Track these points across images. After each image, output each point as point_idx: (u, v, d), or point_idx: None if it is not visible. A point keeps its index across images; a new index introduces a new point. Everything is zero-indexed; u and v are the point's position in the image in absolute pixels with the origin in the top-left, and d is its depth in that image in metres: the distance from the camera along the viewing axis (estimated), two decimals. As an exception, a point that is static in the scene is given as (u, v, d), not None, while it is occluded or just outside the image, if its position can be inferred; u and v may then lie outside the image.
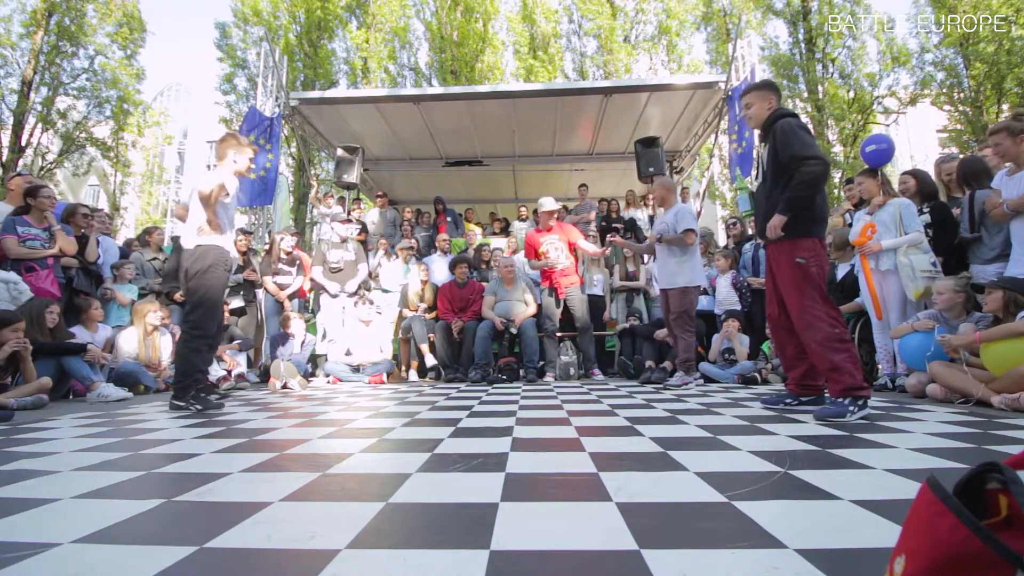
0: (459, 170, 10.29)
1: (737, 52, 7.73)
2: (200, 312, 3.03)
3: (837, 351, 2.34)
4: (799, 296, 2.45)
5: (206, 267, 3.02)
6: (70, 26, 15.17)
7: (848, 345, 2.36)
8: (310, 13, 16.93)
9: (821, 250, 2.47)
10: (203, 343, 3.07)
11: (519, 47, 18.80)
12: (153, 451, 1.81)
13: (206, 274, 3.02)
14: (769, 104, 2.64)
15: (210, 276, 3.03)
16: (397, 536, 0.97)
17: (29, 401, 3.20)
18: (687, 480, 1.30)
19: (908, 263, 3.43)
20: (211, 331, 3.11)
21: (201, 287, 3.02)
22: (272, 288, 5.67)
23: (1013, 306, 2.76)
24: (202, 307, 3.03)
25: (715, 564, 0.80)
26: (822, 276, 2.44)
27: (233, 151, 3.16)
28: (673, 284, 4.24)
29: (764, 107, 2.64)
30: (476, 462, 1.53)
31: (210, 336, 3.12)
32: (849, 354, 2.34)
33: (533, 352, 5.16)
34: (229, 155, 3.15)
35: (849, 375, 2.30)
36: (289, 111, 8.08)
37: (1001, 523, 0.45)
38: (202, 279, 3.02)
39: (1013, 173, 3.16)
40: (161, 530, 1.01)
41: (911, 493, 0.57)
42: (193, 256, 3.04)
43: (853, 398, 2.26)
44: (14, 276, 3.76)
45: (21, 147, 14.71)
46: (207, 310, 3.05)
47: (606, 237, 5.20)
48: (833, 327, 2.36)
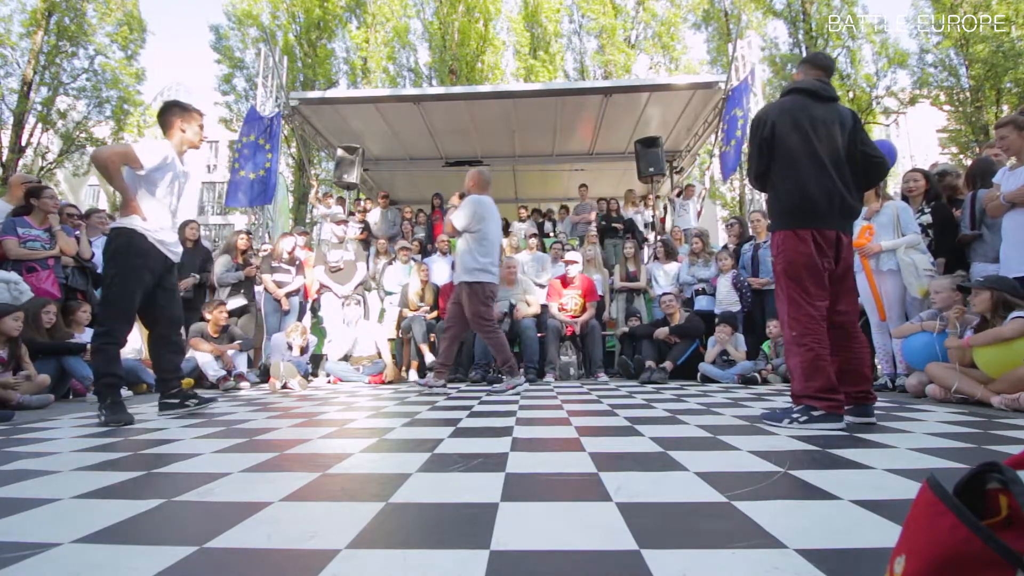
0: (459, 170, 10.28)
1: (737, 52, 7.73)
2: (105, 309, 2.66)
3: (792, 354, 2.23)
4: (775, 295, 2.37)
5: (111, 254, 2.61)
6: (70, 26, 15.18)
7: (802, 350, 2.17)
8: (309, 13, 16.93)
9: (788, 244, 2.25)
10: (110, 344, 2.62)
11: (519, 47, 18.81)
12: (153, 451, 1.81)
13: (111, 263, 2.61)
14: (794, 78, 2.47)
15: (116, 265, 2.61)
16: (397, 536, 0.97)
17: (35, 400, 3.21)
18: (687, 480, 1.29)
19: (911, 261, 3.43)
20: (118, 333, 2.64)
21: (107, 277, 2.63)
22: (271, 287, 5.67)
23: (1002, 307, 2.72)
24: (108, 304, 2.65)
25: (715, 564, 0.80)
26: (790, 272, 2.24)
27: (180, 120, 2.79)
28: (457, 279, 4.27)
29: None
30: (476, 462, 1.53)
31: (117, 339, 2.65)
32: (801, 359, 2.17)
33: (533, 352, 5.16)
34: (176, 125, 2.78)
35: (796, 380, 2.19)
36: (289, 111, 8.09)
37: (1001, 523, 0.45)
38: (108, 268, 2.62)
39: (1015, 168, 3.15)
40: (161, 530, 1.01)
41: (911, 493, 0.57)
42: (106, 241, 2.67)
43: (804, 406, 2.11)
44: (15, 276, 3.76)
45: (21, 147, 14.71)
46: (113, 307, 2.63)
47: None
48: (791, 329, 2.22)
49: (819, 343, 2.16)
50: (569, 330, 5.43)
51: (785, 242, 2.26)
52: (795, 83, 2.40)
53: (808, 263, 2.20)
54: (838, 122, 2.30)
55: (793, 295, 2.22)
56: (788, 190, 2.27)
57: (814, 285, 2.21)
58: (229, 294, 5.54)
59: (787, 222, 2.27)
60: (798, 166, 2.25)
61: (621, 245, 6.67)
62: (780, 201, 2.30)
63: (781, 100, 2.38)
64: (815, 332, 2.18)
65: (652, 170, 7.45)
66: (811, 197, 2.22)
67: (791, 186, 2.26)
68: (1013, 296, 2.73)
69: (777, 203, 2.32)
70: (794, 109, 2.29)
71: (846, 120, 2.32)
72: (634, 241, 6.61)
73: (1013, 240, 3.11)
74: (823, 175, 2.23)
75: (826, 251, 2.22)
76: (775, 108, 2.34)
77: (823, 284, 2.23)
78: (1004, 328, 2.58)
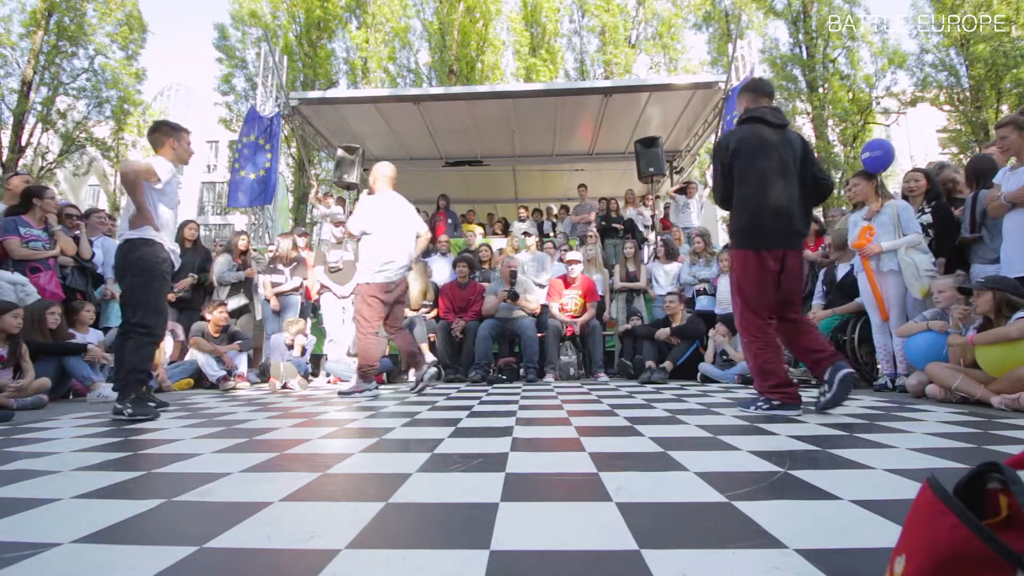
0: (459, 170, 10.30)
1: (737, 52, 7.73)
2: (143, 310, 2.82)
3: (747, 358, 2.65)
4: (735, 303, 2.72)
5: (136, 260, 2.80)
6: (70, 26, 15.18)
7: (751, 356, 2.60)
8: (310, 13, 16.93)
9: (741, 262, 2.59)
10: (148, 341, 2.86)
11: (519, 47, 18.80)
12: (153, 451, 1.81)
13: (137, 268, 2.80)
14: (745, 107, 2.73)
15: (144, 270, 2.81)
16: (397, 536, 0.97)
17: (29, 401, 3.21)
18: (687, 480, 1.29)
19: (911, 262, 3.42)
20: (157, 328, 2.91)
21: (136, 284, 2.81)
22: (267, 289, 5.68)
23: (1006, 307, 2.70)
24: (143, 305, 2.82)
25: (715, 564, 0.80)
26: (743, 288, 2.60)
27: (171, 139, 2.97)
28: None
29: (742, 112, 2.75)
30: (476, 462, 1.53)
31: (157, 335, 2.92)
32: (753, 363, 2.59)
33: (533, 352, 5.16)
34: (168, 144, 2.96)
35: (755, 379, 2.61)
36: (289, 111, 8.08)
37: (1001, 523, 0.45)
38: (135, 276, 2.81)
39: (1016, 168, 3.15)
40: (161, 530, 1.01)
41: (911, 493, 0.57)
42: (122, 251, 2.84)
43: (766, 398, 2.52)
44: (22, 278, 3.77)
45: (21, 147, 14.71)
46: (149, 306, 2.83)
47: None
48: (743, 336, 2.64)
49: (766, 348, 2.57)
50: (569, 330, 5.43)
51: (740, 261, 2.60)
52: (749, 112, 2.66)
53: (760, 280, 2.55)
54: (790, 147, 2.58)
55: (744, 308, 2.61)
56: (747, 211, 2.57)
57: (763, 298, 2.58)
58: (229, 294, 5.53)
59: (744, 242, 2.59)
60: (755, 190, 2.54)
61: (621, 245, 6.67)
62: (739, 221, 2.61)
63: (739, 127, 2.65)
64: (763, 339, 2.58)
65: (652, 170, 7.44)
66: (765, 220, 2.53)
67: (749, 208, 2.57)
68: (1015, 296, 2.72)
69: (736, 223, 2.63)
70: (751, 136, 2.56)
71: (796, 145, 2.61)
72: (634, 241, 6.61)
73: (1014, 240, 3.11)
74: (777, 198, 2.52)
75: (773, 267, 2.55)
76: (734, 135, 2.62)
77: (770, 297, 2.59)
78: (1010, 328, 2.58)
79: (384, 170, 4.17)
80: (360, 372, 3.92)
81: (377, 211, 3.97)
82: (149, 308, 2.83)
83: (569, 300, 5.56)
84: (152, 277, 2.84)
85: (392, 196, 4.11)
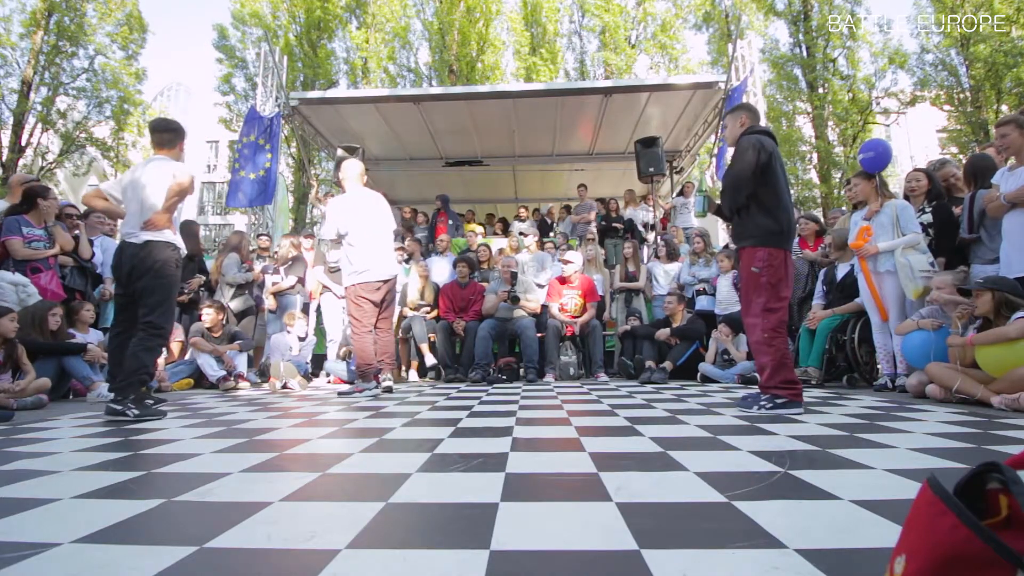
0: (459, 170, 10.30)
1: (737, 52, 7.73)
2: (160, 312, 2.86)
3: (763, 353, 2.65)
4: (747, 300, 2.76)
5: (161, 264, 2.85)
6: (70, 26, 15.17)
7: (772, 350, 2.62)
8: (310, 13, 16.93)
9: (775, 262, 2.66)
10: (160, 343, 2.93)
11: (519, 47, 18.79)
12: (153, 451, 1.81)
13: (162, 272, 2.86)
14: (741, 122, 2.88)
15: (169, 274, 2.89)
16: (397, 536, 0.97)
17: (29, 401, 3.21)
18: (687, 480, 1.29)
19: (906, 263, 3.42)
20: (169, 331, 3.02)
21: (159, 286, 2.86)
22: (267, 289, 5.68)
23: (1005, 307, 2.70)
24: (162, 306, 2.87)
25: (715, 564, 0.80)
26: (772, 285, 2.66)
27: (183, 141, 3.16)
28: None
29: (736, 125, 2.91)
30: (476, 462, 1.53)
31: (167, 336, 3.01)
32: (771, 358, 2.61)
33: (533, 352, 5.16)
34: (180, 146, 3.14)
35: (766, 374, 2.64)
36: (289, 111, 8.08)
37: (1001, 523, 0.45)
38: (158, 278, 2.85)
39: (1015, 168, 3.15)
40: (161, 530, 1.01)
41: (911, 493, 0.57)
42: (142, 253, 2.85)
43: (771, 395, 2.57)
44: (23, 279, 3.77)
45: (21, 147, 14.71)
46: (167, 309, 2.91)
47: None
48: (764, 331, 2.65)
49: (785, 344, 2.67)
50: (569, 330, 5.43)
51: (780, 260, 2.68)
52: (760, 127, 2.88)
53: (785, 277, 2.69)
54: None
55: (770, 303, 2.65)
56: (784, 212, 2.70)
57: (783, 294, 2.69)
58: (234, 295, 5.52)
59: (775, 241, 2.68)
60: (783, 195, 2.72)
61: (621, 245, 6.67)
62: (775, 223, 2.69)
63: (763, 136, 2.77)
64: (784, 334, 2.67)
65: (652, 170, 7.44)
66: (791, 222, 2.74)
67: (786, 209, 2.71)
68: (1014, 296, 2.72)
69: (767, 224, 2.70)
70: (774, 147, 2.74)
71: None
72: (634, 241, 6.61)
73: (1014, 240, 3.11)
74: (790, 204, 2.77)
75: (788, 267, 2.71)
76: (769, 142, 2.75)
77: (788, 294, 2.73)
78: (1009, 328, 2.58)
79: (352, 168, 4.18)
80: (359, 372, 3.91)
81: (349, 209, 3.96)
82: (166, 310, 2.91)
83: (569, 300, 5.56)
84: (176, 281, 2.98)
85: (362, 192, 4.09)
